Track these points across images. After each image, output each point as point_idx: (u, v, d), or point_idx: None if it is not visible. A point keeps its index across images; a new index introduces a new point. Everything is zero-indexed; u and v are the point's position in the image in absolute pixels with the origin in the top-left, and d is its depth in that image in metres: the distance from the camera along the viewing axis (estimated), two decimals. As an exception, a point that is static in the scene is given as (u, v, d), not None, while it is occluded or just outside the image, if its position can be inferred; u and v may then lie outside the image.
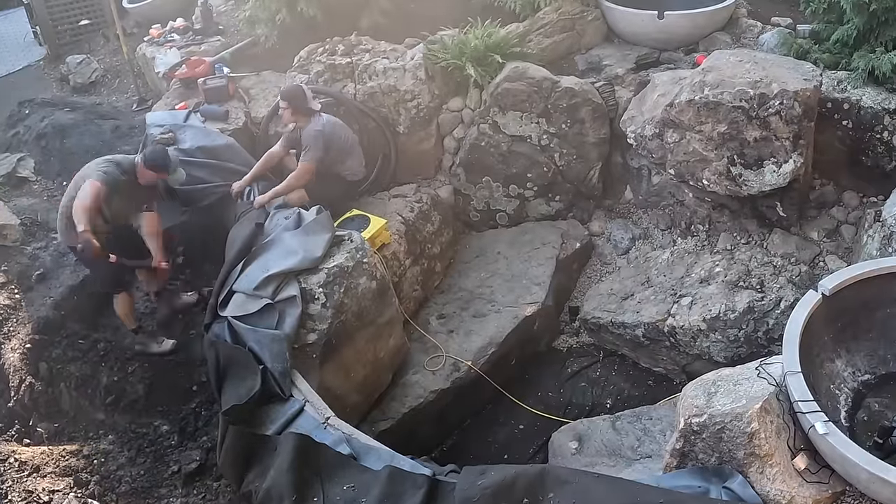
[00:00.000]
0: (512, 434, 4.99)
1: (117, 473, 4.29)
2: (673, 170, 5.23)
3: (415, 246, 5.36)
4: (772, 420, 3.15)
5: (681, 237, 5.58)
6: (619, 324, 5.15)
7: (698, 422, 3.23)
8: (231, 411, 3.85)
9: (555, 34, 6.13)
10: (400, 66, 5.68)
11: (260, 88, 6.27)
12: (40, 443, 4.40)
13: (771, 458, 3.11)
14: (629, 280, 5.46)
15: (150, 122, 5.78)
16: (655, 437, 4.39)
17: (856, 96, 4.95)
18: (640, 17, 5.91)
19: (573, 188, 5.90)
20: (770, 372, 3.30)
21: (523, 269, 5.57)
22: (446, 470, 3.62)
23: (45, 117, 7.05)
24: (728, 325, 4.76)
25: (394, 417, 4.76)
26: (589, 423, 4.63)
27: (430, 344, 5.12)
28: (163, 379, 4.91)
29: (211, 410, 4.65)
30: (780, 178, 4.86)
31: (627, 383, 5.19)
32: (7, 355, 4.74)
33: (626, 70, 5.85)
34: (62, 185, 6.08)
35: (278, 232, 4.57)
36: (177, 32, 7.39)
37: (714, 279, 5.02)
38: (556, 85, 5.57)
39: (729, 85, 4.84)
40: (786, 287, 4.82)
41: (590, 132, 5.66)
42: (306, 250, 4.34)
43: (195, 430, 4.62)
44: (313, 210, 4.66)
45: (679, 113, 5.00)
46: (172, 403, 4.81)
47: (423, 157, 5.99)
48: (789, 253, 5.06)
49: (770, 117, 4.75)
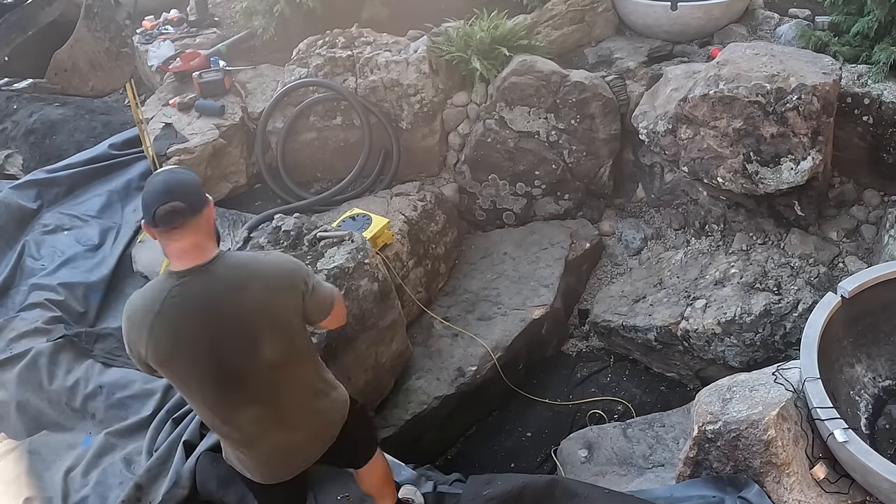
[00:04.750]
0: (519, 442, 5.01)
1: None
2: (686, 167, 5.24)
3: (418, 246, 5.38)
4: (789, 427, 3.17)
5: (695, 237, 5.59)
6: (630, 327, 5.16)
7: (713, 429, 3.25)
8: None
9: (564, 26, 6.14)
10: (403, 60, 5.70)
11: (257, 82, 6.29)
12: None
13: (788, 466, 3.12)
14: (641, 282, 5.47)
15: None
16: (668, 444, 4.40)
17: (877, 91, 4.96)
18: (653, 7, 5.92)
19: (583, 186, 5.92)
20: (787, 377, 3.32)
21: (531, 270, 5.58)
22: (451, 479, 3.64)
23: (33, 112, 7.07)
24: (743, 328, 4.78)
25: (396, 425, 4.77)
26: (599, 431, 4.64)
27: (433, 348, 5.14)
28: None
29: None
30: (797, 176, 4.87)
31: (639, 389, 5.21)
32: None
33: (637, 63, 5.86)
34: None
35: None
36: (171, 24, 7.40)
37: (729, 281, 5.03)
38: (565, 79, 5.58)
39: (745, 79, 4.85)
40: (804, 289, 4.84)
41: (600, 128, 5.68)
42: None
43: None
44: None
45: (693, 108, 5.01)
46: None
47: (427, 153, 6.01)
48: (807, 254, 5.07)
49: (787, 112, 4.76)
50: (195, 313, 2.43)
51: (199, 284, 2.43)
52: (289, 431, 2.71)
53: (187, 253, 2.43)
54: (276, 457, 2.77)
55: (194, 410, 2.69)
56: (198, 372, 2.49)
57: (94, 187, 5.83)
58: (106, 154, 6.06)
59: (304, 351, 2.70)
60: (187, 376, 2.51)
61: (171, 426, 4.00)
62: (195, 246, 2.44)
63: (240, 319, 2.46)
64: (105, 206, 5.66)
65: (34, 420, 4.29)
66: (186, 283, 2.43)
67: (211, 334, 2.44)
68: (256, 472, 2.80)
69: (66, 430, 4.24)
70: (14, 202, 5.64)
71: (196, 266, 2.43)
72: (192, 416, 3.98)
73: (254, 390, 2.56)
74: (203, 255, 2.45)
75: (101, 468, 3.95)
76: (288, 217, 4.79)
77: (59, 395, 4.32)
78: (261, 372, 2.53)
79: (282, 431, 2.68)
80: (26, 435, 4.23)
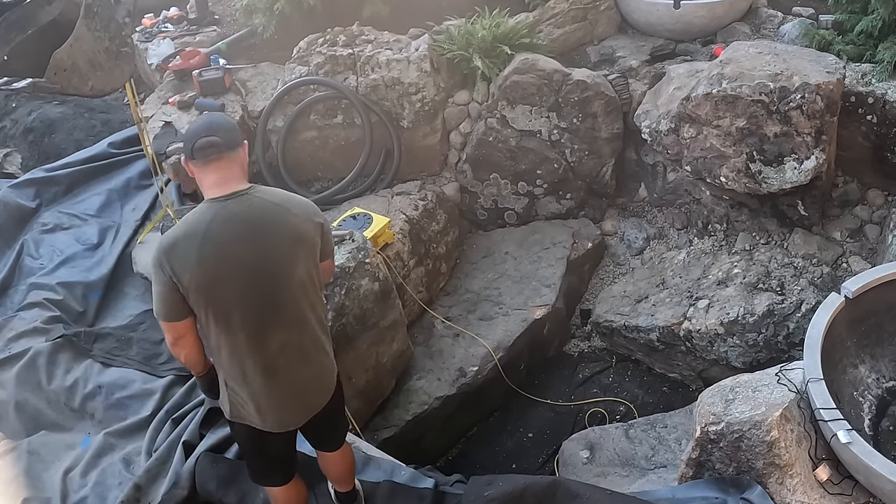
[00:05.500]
0: (520, 442, 5.02)
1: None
2: (689, 166, 5.24)
3: (419, 246, 5.38)
4: (792, 428, 3.17)
5: (697, 237, 5.59)
6: (632, 327, 5.17)
7: (715, 430, 3.25)
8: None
9: (566, 24, 6.14)
10: (404, 58, 5.70)
11: (258, 81, 6.29)
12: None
13: (791, 468, 3.12)
14: (643, 282, 5.47)
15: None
16: (670, 445, 4.40)
17: (881, 90, 4.96)
18: (656, 6, 5.92)
19: (585, 185, 5.92)
20: (790, 378, 3.32)
21: (532, 269, 5.59)
22: (452, 480, 3.64)
23: (32, 111, 7.07)
24: (746, 328, 4.78)
25: (397, 425, 4.78)
26: (601, 431, 4.65)
27: (434, 348, 5.14)
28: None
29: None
30: (801, 176, 4.87)
31: (641, 389, 5.21)
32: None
33: (640, 62, 5.86)
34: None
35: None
36: (170, 22, 7.40)
37: (732, 281, 5.03)
38: (568, 77, 5.59)
39: (748, 78, 4.86)
40: (807, 289, 4.84)
41: (602, 127, 5.68)
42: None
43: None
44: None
45: (696, 107, 5.01)
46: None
47: (428, 152, 6.01)
48: (811, 254, 5.08)
49: (791, 111, 4.77)
50: (239, 229, 2.68)
51: (239, 206, 2.70)
52: (306, 365, 2.90)
53: (225, 182, 2.72)
54: (290, 397, 2.92)
55: (221, 350, 2.80)
56: (239, 289, 2.69)
57: (94, 186, 5.83)
58: (105, 153, 6.06)
59: (321, 285, 2.94)
60: (228, 297, 2.69)
61: (171, 426, 4.00)
62: (231, 177, 2.73)
63: (280, 233, 2.73)
64: (104, 204, 5.66)
65: (33, 420, 4.29)
66: (227, 205, 2.69)
67: (255, 246, 2.68)
68: (268, 416, 2.91)
69: (65, 431, 4.25)
70: (13, 201, 5.65)
71: (234, 192, 2.71)
72: (191, 417, 3.99)
73: (285, 313, 2.77)
74: (239, 186, 2.74)
75: (100, 469, 3.95)
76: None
77: (57, 395, 4.32)
78: (293, 291, 2.76)
79: (301, 364, 2.88)
80: (25, 435, 4.23)
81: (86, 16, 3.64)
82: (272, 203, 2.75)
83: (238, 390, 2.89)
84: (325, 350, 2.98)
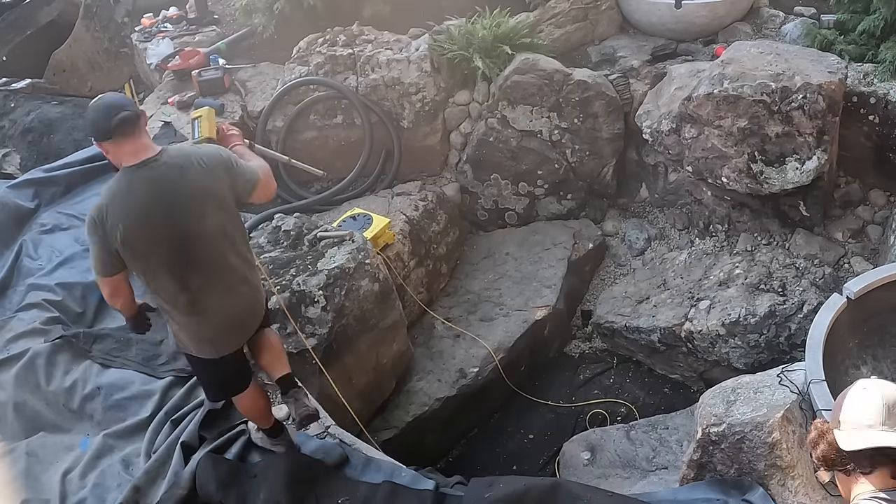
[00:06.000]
0: (521, 444, 5.02)
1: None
2: (691, 167, 5.24)
3: (419, 246, 5.38)
4: (794, 430, 3.17)
5: (699, 237, 5.59)
6: (633, 328, 5.16)
7: (717, 431, 3.25)
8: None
9: (567, 24, 6.14)
10: (404, 58, 5.70)
11: (257, 81, 6.30)
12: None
13: (793, 469, 3.13)
14: (644, 282, 5.47)
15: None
16: (672, 447, 4.40)
17: (883, 90, 4.96)
18: (657, 6, 5.93)
19: (586, 186, 5.92)
20: (792, 379, 3.32)
21: (533, 270, 5.59)
22: (452, 481, 3.64)
23: (31, 111, 7.06)
24: (748, 329, 4.78)
25: (397, 426, 4.79)
26: (602, 433, 4.65)
27: (435, 349, 5.14)
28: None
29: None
30: (803, 176, 4.87)
31: (642, 391, 5.21)
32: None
33: (641, 62, 5.87)
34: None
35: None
36: (170, 22, 7.41)
37: (733, 282, 5.03)
38: (568, 77, 5.59)
39: (750, 78, 4.86)
40: (809, 290, 4.84)
41: (603, 127, 5.68)
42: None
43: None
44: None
45: (697, 107, 5.02)
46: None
47: (429, 153, 6.01)
48: (813, 254, 5.08)
49: (793, 112, 4.77)
50: (150, 194, 2.97)
51: (151, 172, 2.98)
52: (231, 298, 3.21)
53: (139, 151, 2.98)
54: (225, 325, 3.26)
55: (157, 293, 3.17)
56: (156, 245, 3.01)
57: (93, 186, 5.81)
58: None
59: (239, 228, 3.25)
60: (148, 253, 3.02)
61: (170, 428, 3.99)
62: (144, 146, 3.01)
63: (187, 190, 3.02)
64: (103, 205, 5.65)
65: (31, 421, 4.28)
66: (141, 172, 2.97)
67: (168, 204, 2.99)
68: (210, 343, 3.28)
69: (64, 432, 4.24)
70: (11, 201, 5.64)
71: (148, 158, 2.99)
72: (190, 418, 3.98)
73: (198, 262, 3.08)
74: (151, 151, 3.01)
75: (100, 470, 3.94)
76: (288, 216, 4.79)
77: (56, 397, 4.31)
78: (204, 242, 3.08)
79: (224, 298, 3.19)
80: (24, 436, 4.22)
81: (85, 16, 3.65)
82: (177, 166, 3.01)
83: (176, 325, 3.27)
84: (248, 280, 3.27)
